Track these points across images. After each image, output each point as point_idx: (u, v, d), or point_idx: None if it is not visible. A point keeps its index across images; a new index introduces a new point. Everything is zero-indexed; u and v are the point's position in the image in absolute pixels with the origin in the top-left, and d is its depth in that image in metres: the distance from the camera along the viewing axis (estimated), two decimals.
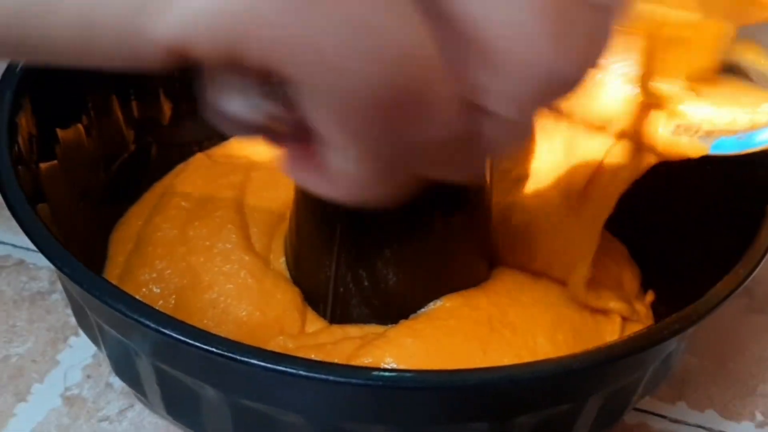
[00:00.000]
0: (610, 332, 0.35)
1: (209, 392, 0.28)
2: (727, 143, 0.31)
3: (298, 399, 0.28)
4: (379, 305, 0.35)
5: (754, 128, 0.30)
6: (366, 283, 0.34)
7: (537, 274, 0.37)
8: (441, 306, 0.35)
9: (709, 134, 0.31)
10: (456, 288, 0.35)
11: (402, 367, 0.32)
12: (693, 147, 0.32)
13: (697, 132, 0.31)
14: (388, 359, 0.32)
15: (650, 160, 0.34)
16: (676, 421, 0.38)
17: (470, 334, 0.34)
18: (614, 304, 0.36)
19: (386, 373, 0.26)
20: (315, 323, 0.35)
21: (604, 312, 0.36)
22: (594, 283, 0.37)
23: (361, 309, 0.35)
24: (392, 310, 0.35)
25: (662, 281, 0.39)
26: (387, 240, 0.34)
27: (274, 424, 0.29)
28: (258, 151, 0.43)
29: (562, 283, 0.36)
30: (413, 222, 0.34)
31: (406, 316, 0.35)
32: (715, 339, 0.41)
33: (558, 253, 0.36)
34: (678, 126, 0.32)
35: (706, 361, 0.40)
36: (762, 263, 0.31)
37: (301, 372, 0.25)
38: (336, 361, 0.32)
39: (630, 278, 0.39)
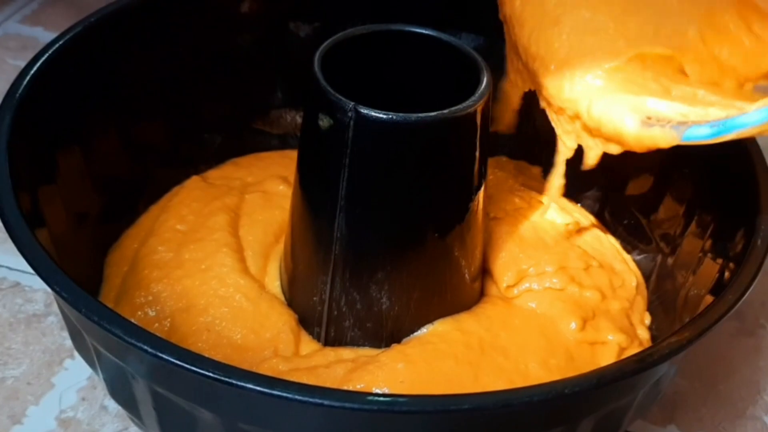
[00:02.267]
0: (606, 359, 0.36)
1: (205, 415, 0.29)
2: (700, 132, 0.30)
3: (293, 422, 0.28)
4: (373, 328, 0.35)
5: (729, 116, 0.29)
6: (359, 307, 0.35)
7: None
8: (433, 330, 0.35)
9: (681, 124, 0.30)
10: (449, 312, 0.36)
11: (394, 392, 0.32)
12: (664, 136, 0.31)
13: (669, 122, 0.30)
14: (380, 384, 0.32)
15: (610, 149, 0.33)
16: None
17: (461, 359, 0.34)
18: (613, 336, 0.36)
19: (380, 398, 0.27)
20: (309, 346, 0.35)
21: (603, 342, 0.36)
22: (592, 316, 0.37)
23: (354, 332, 0.35)
24: (385, 333, 0.35)
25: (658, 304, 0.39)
26: (380, 264, 0.34)
27: None
28: (252, 173, 0.43)
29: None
30: (406, 246, 0.34)
31: (399, 340, 0.35)
32: (706, 362, 0.41)
33: None
34: (648, 117, 0.31)
35: (697, 384, 0.40)
36: (752, 287, 0.31)
37: (296, 396, 0.25)
38: (328, 384, 0.32)
39: (640, 307, 0.39)
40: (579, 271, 0.39)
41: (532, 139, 0.43)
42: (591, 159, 0.34)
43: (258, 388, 0.25)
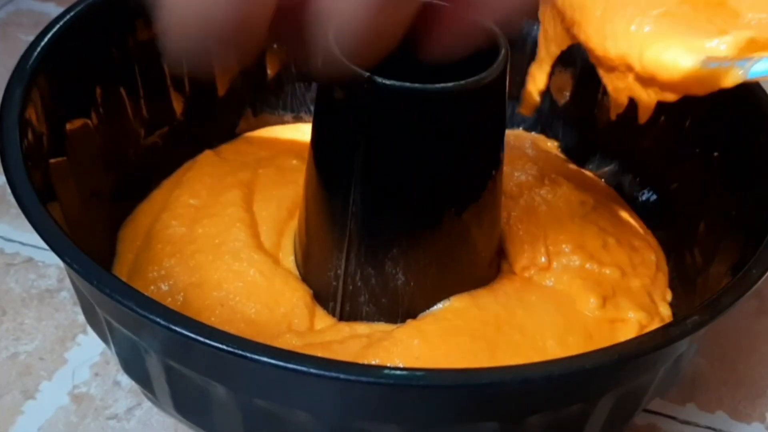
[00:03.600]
0: (626, 337, 0.35)
1: (219, 390, 0.28)
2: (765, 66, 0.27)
3: (308, 397, 0.27)
4: (388, 304, 0.34)
5: None
6: (375, 282, 0.34)
7: None
8: (449, 306, 0.35)
9: (746, 59, 0.28)
10: (465, 288, 0.35)
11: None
12: (728, 74, 0.28)
13: (732, 60, 0.28)
14: (395, 360, 0.32)
15: (666, 97, 0.31)
16: (685, 423, 0.38)
17: (477, 336, 0.33)
18: (633, 314, 0.36)
19: (397, 372, 0.26)
20: (324, 321, 0.35)
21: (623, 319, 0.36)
22: (612, 294, 0.36)
23: (369, 307, 0.35)
24: (401, 308, 0.35)
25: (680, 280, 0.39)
26: (396, 239, 0.34)
27: (284, 423, 0.28)
28: (265, 148, 0.43)
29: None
30: (422, 221, 0.34)
31: (414, 315, 0.35)
32: (726, 341, 0.41)
33: None
34: (708, 57, 0.28)
35: (717, 363, 0.40)
36: None
37: (311, 370, 0.25)
38: (343, 359, 0.32)
39: (661, 284, 0.39)
40: (597, 249, 0.38)
41: (549, 112, 0.43)
42: (644, 113, 0.32)
43: (273, 362, 0.25)
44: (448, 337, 0.33)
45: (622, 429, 0.36)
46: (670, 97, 0.31)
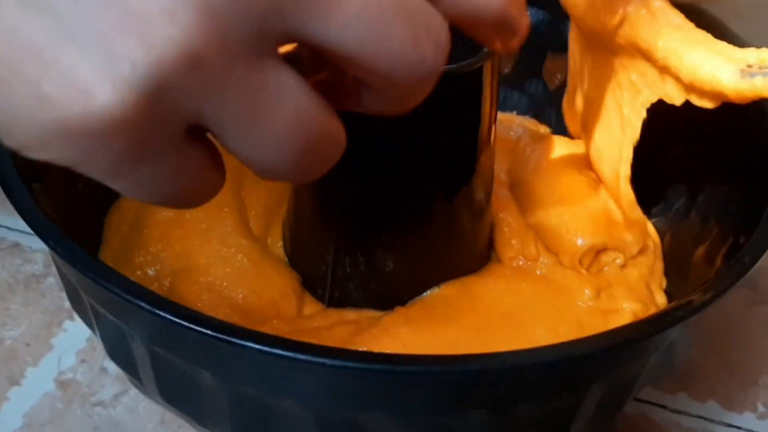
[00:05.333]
0: None
1: (205, 376, 0.28)
2: None
3: (295, 384, 0.27)
4: (377, 290, 0.34)
5: None
6: (363, 268, 0.34)
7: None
8: (437, 293, 0.34)
9: None
10: (455, 275, 0.35)
11: None
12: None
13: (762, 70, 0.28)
14: (383, 347, 0.32)
15: (706, 105, 0.31)
16: (677, 412, 0.37)
17: (466, 324, 0.33)
18: (628, 305, 0.35)
19: (384, 358, 0.26)
20: (312, 307, 0.35)
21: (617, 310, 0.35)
22: (608, 285, 0.36)
23: (358, 294, 0.34)
24: (390, 295, 0.34)
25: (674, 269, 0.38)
26: (385, 225, 0.33)
27: (271, 409, 0.28)
28: None
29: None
30: (412, 207, 0.33)
31: (403, 302, 0.34)
32: (718, 330, 0.40)
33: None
34: (749, 65, 0.28)
35: (708, 353, 0.40)
36: (766, 253, 0.30)
37: (298, 355, 0.25)
38: (330, 346, 0.31)
39: (658, 273, 0.38)
40: None
41: (541, 96, 0.42)
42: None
43: (259, 347, 0.25)
44: (436, 324, 0.33)
45: (614, 417, 0.35)
46: (709, 104, 0.30)
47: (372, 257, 0.34)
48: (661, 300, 0.37)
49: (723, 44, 0.30)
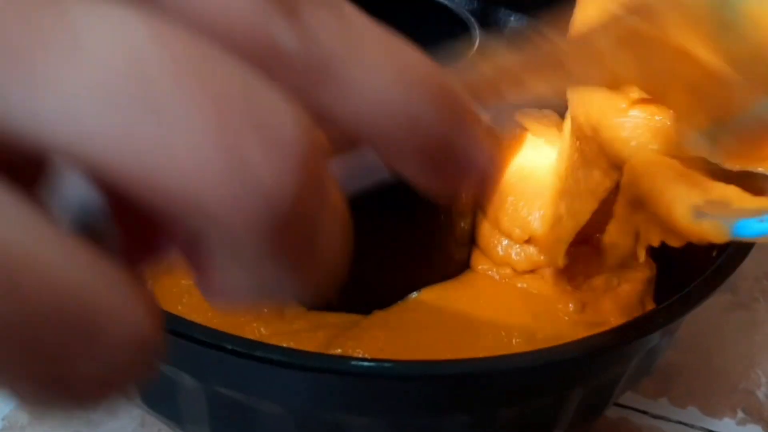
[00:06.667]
0: None
1: (185, 380, 0.28)
2: (752, 226, 0.25)
3: (275, 387, 0.27)
4: (358, 294, 0.34)
5: None
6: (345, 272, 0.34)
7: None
8: (415, 298, 0.35)
9: (732, 215, 0.25)
10: (435, 280, 0.35)
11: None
12: (715, 231, 0.26)
13: (719, 213, 0.26)
14: (360, 351, 0.32)
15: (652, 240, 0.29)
16: (657, 417, 0.37)
17: (442, 329, 0.33)
18: (615, 319, 0.34)
19: (365, 363, 0.26)
20: (293, 309, 0.34)
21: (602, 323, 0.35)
22: (595, 299, 0.35)
23: (339, 297, 0.34)
24: (370, 299, 0.34)
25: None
26: (363, 228, 0.33)
27: (251, 413, 0.28)
28: None
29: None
30: (390, 211, 0.33)
31: (383, 306, 0.34)
32: (699, 335, 0.41)
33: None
34: (697, 206, 0.26)
35: (689, 357, 0.40)
36: (746, 258, 0.31)
37: (277, 359, 0.25)
38: (309, 349, 0.31)
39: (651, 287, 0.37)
40: None
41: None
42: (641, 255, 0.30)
43: (238, 350, 0.25)
44: (413, 329, 0.33)
45: (595, 422, 0.35)
46: (674, 242, 0.28)
47: (351, 261, 0.34)
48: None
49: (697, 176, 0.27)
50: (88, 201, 0.12)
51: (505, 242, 0.36)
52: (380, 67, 0.13)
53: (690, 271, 0.35)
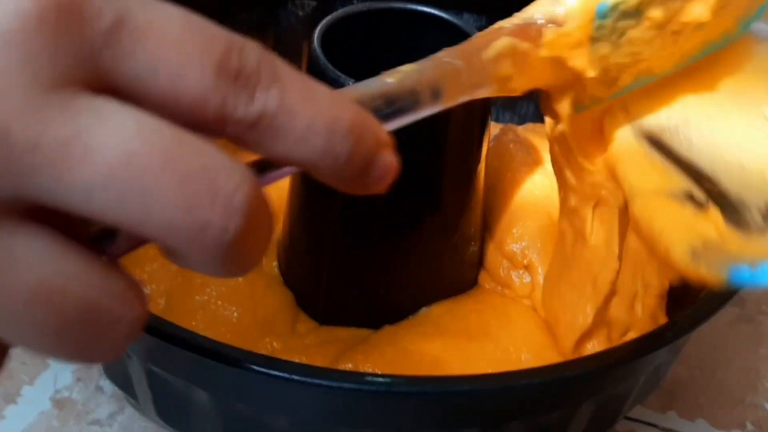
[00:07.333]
0: None
1: (200, 395, 0.28)
2: (745, 274, 0.25)
3: (289, 403, 0.27)
4: (368, 310, 0.35)
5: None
6: (355, 288, 0.34)
7: None
8: (424, 313, 0.35)
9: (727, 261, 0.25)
10: (444, 296, 0.35)
11: (381, 373, 0.32)
12: (711, 276, 0.26)
13: (713, 255, 0.26)
14: (369, 365, 0.32)
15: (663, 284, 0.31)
16: (666, 430, 0.38)
17: (449, 343, 0.33)
18: (627, 336, 0.34)
19: (379, 379, 0.26)
20: (306, 325, 0.35)
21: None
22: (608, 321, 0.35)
23: (350, 312, 0.35)
24: (381, 314, 0.35)
25: None
26: (377, 246, 0.34)
27: (265, 429, 0.28)
28: (243, 154, 0.42)
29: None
30: (403, 228, 0.34)
31: (393, 321, 0.34)
32: (706, 349, 0.41)
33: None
34: (694, 248, 0.26)
35: (697, 371, 0.40)
36: None
37: (293, 376, 0.25)
38: (319, 363, 0.32)
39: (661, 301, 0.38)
40: None
41: (533, 117, 0.43)
42: None
43: (254, 367, 0.25)
44: (421, 343, 0.33)
45: None
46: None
47: (363, 277, 0.34)
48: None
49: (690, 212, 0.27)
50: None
51: (506, 264, 0.36)
52: (308, 119, 0.18)
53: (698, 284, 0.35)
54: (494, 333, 0.34)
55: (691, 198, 0.27)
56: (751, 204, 0.27)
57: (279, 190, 0.37)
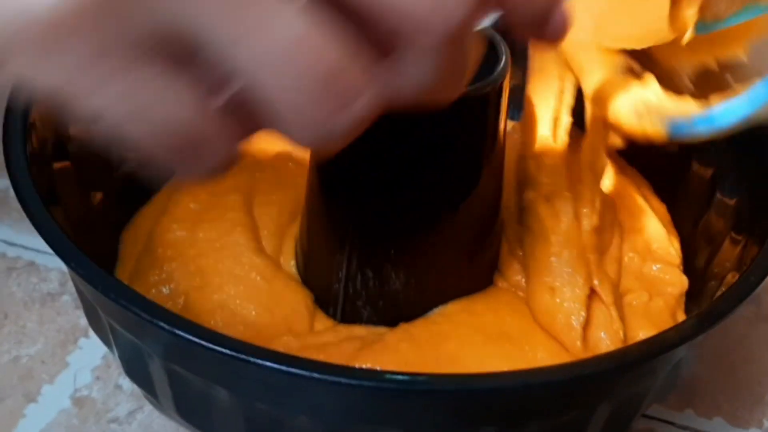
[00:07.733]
0: None
1: (221, 393, 0.28)
2: (682, 126, 0.31)
3: (309, 401, 0.28)
4: (386, 307, 0.35)
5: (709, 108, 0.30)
6: (373, 286, 0.34)
7: None
8: (440, 311, 0.35)
9: (670, 117, 0.31)
10: (461, 293, 0.35)
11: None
12: (653, 130, 0.32)
13: (654, 114, 0.32)
14: (385, 363, 0.32)
15: (617, 142, 0.35)
16: (684, 428, 0.38)
17: (465, 341, 0.33)
18: (645, 333, 0.34)
19: (399, 377, 0.26)
20: (324, 324, 0.35)
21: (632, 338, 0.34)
22: (625, 314, 0.35)
23: (368, 311, 0.35)
24: (398, 312, 0.35)
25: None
26: (395, 244, 0.34)
27: (285, 426, 0.29)
28: (262, 150, 0.43)
29: None
30: (420, 227, 0.34)
31: (410, 319, 0.35)
32: (724, 347, 0.41)
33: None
34: (637, 107, 0.32)
35: (714, 369, 0.40)
36: None
37: (312, 374, 0.25)
38: (335, 361, 0.32)
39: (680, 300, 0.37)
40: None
41: None
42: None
43: (275, 366, 0.25)
44: (437, 341, 0.33)
45: None
46: (618, 141, 0.35)
47: (381, 275, 0.34)
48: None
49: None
50: None
51: (517, 266, 0.36)
52: None
53: (718, 281, 0.35)
54: (510, 332, 0.34)
55: (631, 71, 0.34)
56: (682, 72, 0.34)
57: (296, 189, 0.37)
